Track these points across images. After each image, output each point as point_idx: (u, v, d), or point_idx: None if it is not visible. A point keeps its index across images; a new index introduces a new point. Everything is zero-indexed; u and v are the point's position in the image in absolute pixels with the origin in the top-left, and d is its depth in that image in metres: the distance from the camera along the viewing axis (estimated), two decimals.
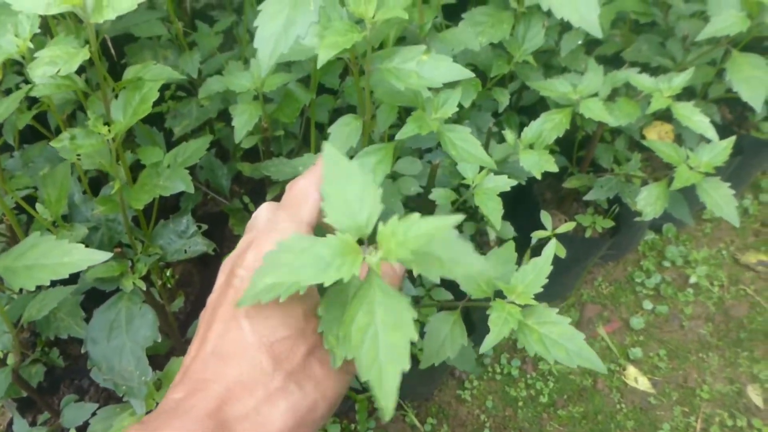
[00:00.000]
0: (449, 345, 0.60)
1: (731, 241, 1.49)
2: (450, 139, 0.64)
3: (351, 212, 0.39)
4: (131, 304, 0.70)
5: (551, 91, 0.87)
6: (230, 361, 0.39)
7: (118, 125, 0.58)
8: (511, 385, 1.21)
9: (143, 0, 0.52)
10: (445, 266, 0.38)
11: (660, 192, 0.90)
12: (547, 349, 0.53)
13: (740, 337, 1.32)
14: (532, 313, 0.56)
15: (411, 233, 0.36)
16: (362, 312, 0.36)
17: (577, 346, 0.53)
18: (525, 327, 0.55)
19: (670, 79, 0.88)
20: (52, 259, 0.49)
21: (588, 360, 0.52)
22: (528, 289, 0.57)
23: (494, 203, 0.79)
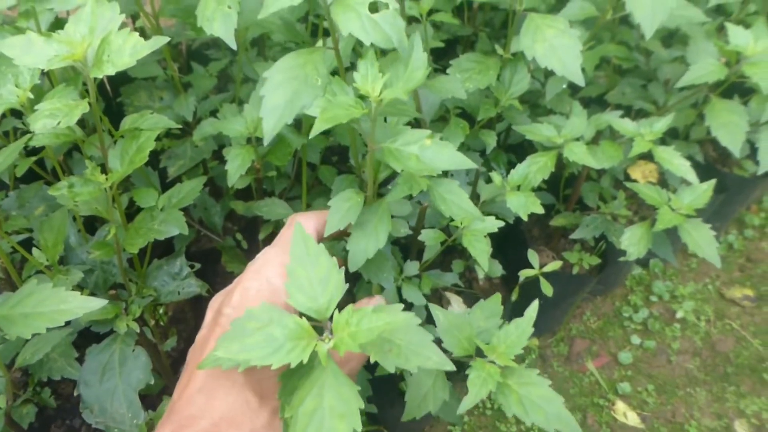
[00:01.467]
0: (431, 399, 0.61)
1: (717, 276, 1.52)
2: (440, 194, 0.66)
3: (313, 295, 0.40)
4: (124, 347, 0.71)
5: (536, 135, 0.90)
6: (217, 398, 0.40)
7: (116, 174, 0.60)
8: (501, 420, 1.22)
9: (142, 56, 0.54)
10: (401, 356, 0.40)
11: (643, 233, 0.92)
12: (526, 412, 0.53)
13: (727, 371, 1.34)
14: (513, 373, 0.56)
15: (363, 326, 0.38)
16: (311, 395, 0.37)
17: (556, 410, 0.53)
18: (505, 387, 0.55)
19: (652, 123, 0.91)
20: (48, 307, 0.50)
21: (567, 425, 0.53)
22: (509, 349, 0.57)
23: (482, 244, 0.81)
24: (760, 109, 0.99)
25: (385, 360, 0.40)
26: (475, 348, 0.59)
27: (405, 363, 0.39)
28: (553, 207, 1.19)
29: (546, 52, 0.79)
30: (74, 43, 0.51)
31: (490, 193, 0.93)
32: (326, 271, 0.41)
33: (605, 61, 1.21)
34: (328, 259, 0.41)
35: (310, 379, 0.39)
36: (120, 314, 0.71)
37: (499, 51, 0.93)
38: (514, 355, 0.57)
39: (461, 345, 0.59)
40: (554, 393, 0.54)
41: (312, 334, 0.39)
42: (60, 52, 0.51)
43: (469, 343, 0.59)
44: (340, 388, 0.38)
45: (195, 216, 1.05)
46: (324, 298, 0.40)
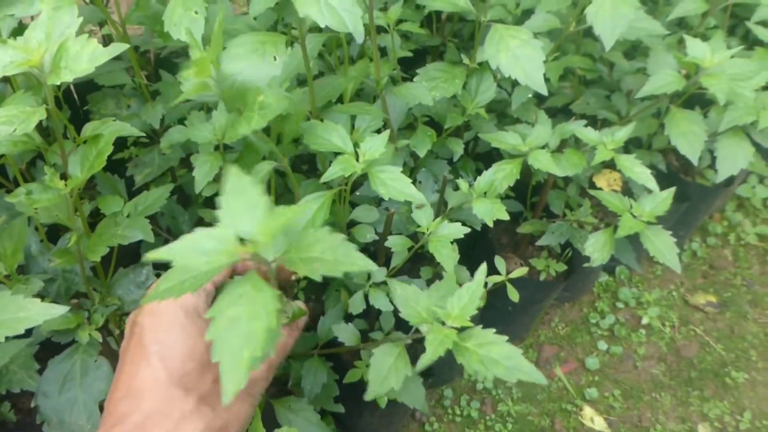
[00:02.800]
0: (393, 376, 0.61)
1: (681, 283, 1.55)
2: (380, 179, 0.68)
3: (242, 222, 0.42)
4: (87, 357, 0.70)
5: (502, 143, 0.91)
6: (145, 396, 0.43)
7: (75, 180, 0.59)
8: (471, 427, 1.23)
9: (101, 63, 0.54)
10: (329, 266, 0.42)
11: (606, 239, 0.94)
12: (486, 368, 0.55)
13: (691, 376, 1.37)
14: (471, 335, 0.58)
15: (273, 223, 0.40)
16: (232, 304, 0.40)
17: (516, 363, 0.55)
18: (463, 349, 0.57)
19: (614, 132, 0.93)
20: (7, 315, 0.49)
21: (527, 374, 0.54)
22: (463, 312, 0.59)
23: (448, 250, 0.82)
24: (718, 120, 1.02)
25: (313, 272, 0.42)
26: (432, 317, 0.61)
27: (332, 270, 0.41)
28: (521, 215, 1.21)
29: (509, 62, 0.80)
30: (30, 50, 0.51)
31: (457, 200, 0.94)
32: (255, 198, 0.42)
33: (570, 72, 1.23)
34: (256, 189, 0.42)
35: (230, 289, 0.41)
36: (82, 323, 0.70)
37: (466, 60, 0.94)
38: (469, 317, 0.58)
39: (419, 315, 0.61)
40: (513, 348, 0.56)
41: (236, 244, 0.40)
42: (15, 59, 0.50)
43: (426, 312, 0.61)
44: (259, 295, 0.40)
45: (163, 225, 1.04)
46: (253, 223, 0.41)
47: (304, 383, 0.83)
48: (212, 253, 0.40)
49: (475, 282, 0.64)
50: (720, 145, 1.00)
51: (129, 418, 0.42)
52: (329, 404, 0.86)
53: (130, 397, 0.43)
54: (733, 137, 1.00)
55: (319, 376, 0.83)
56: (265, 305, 0.40)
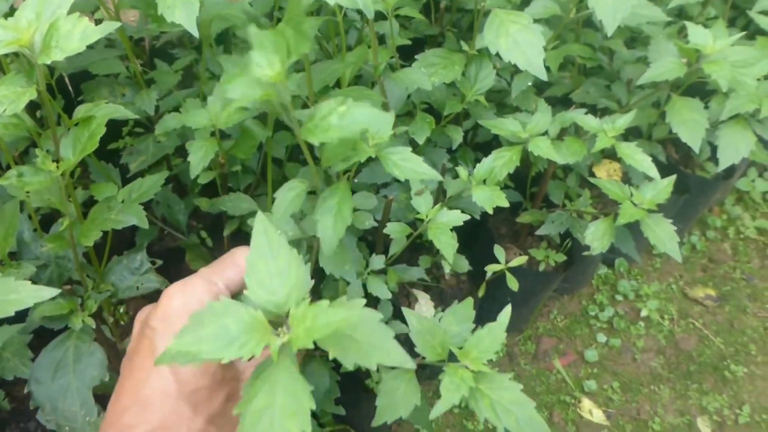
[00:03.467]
0: (402, 404, 0.60)
1: (680, 276, 1.54)
2: (393, 161, 0.66)
3: (272, 288, 0.38)
4: (80, 343, 0.69)
5: (502, 130, 0.90)
6: (152, 408, 0.40)
7: (67, 162, 0.58)
8: (468, 418, 1.22)
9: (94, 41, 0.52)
10: (361, 351, 0.38)
11: (606, 227, 0.93)
12: (497, 417, 0.53)
13: (690, 369, 1.36)
14: (485, 378, 0.56)
15: (320, 321, 0.36)
16: (263, 392, 0.36)
17: (527, 414, 0.53)
18: (477, 392, 0.55)
19: (614, 120, 0.92)
20: None
21: (538, 429, 0.53)
22: (482, 354, 0.57)
23: (447, 237, 0.81)
24: (719, 110, 1.01)
25: (344, 356, 0.38)
26: (447, 352, 0.59)
27: (364, 359, 0.37)
28: (520, 205, 1.20)
29: (509, 47, 0.79)
30: (20, 29, 0.49)
31: (456, 189, 0.93)
32: (287, 264, 0.39)
33: (570, 62, 1.22)
34: (289, 252, 0.39)
35: (262, 376, 0.37)
36: (75, 310, 0.69)
37: (465, 47, 0.93)
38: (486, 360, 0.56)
39: (434, 350, 0.59)
40: (525, 397, 0.54)
41: (267, 327, 0.37)
42: (5, 38, 0.49)
43: (441, 347, 0.59)
44: (293, 387, 0.37)
45: (158, 213, 1.03)
46: (283, 291, 0.38)
47: None
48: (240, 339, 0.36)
49: (498, 323, 0.61)
50: (721, 134, 0.99)
51: (134, 430, 0.40)
52: (330, 406, 0.86)
53: (137, 406, 0.41)
54: (735, 126, 0.99)
55: (321, 380, 0.82)
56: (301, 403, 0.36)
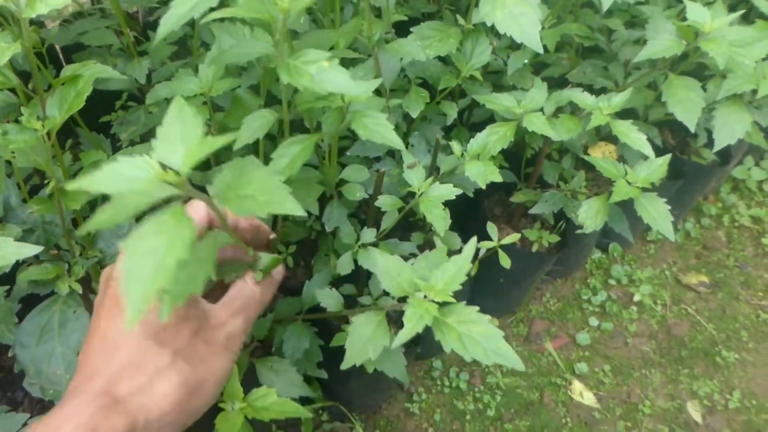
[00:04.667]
0: (371, 346, 0.59)
1: (674, 263, 1.54)
2: (363, 121, 0.66)
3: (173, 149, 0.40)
4: (66, 308, 0.68)
5: (496, 105, 0.89)
6: (119, 350, 0.42)
7: (53, 121, 0.57)
8: (459, 398, 1.22)
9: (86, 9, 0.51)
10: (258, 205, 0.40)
11: (600, 206, 0.92)
12: (465, 347, 0.53)
13: (681, 354, 1.36)
14: (453, 311, 0.55)
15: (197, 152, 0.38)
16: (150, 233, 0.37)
17: (495, 345, 0.53)
18: (443, 325, 0.55)
19: (610, 98, 0.91)
20: None
21: (505, 358, 0.52)
22: (447, 286, 0.57)
23: (438, 210, 0.81)
24: (716, 92, 1.00)
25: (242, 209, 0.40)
26: (414, 290, 0.58)
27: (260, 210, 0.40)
28: (515, 186, 1.19)
29: (505, 19, 0.78)
30: None
31: (450, 165, 0.93)
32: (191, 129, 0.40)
33: (568, 43, 1.21)
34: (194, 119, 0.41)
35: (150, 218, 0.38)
36: (62, 275, 0.68)
37: (461, 21, 0.92)
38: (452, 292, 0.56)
39: (400, 287, 0.59)
40: (494, 329, 0.53)
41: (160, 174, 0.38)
42: None
43: (408, 285, 0.59)
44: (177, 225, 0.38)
45: None
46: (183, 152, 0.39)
47: (286, 347, 0.81)
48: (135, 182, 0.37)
49: (464, 255, 0.61)
50: (718, 114, 0.98)
51: (101, 372, 0.41)
52: (312, 369, 0.85)
53: (104, 350, 0.43)
54: (732, 106, 0.99)
55: (301, 341, 0.82)
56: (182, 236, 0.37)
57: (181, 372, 0.43)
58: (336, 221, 0.85)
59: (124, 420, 0.39)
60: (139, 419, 0.40)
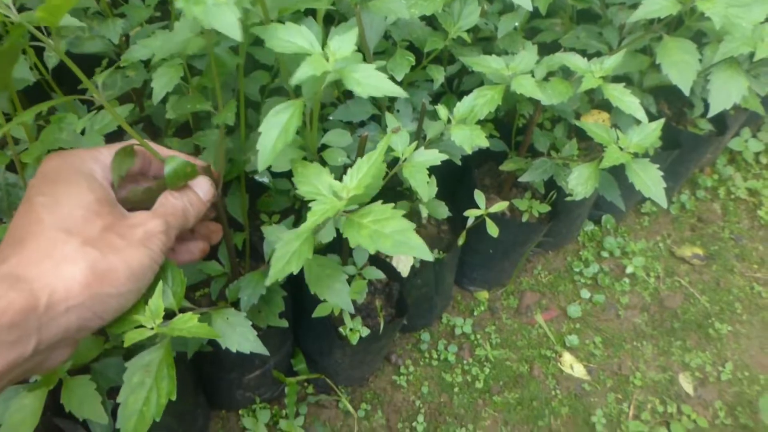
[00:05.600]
0: (295, 260, 0.57)
1: (668, 235, 1.52)
2: (354, 78, 0.63)
3: None
4: None
5: (484, 67, 0.86)
6: (28, 240, 0.43)
7: None
8: (447, 371, 1.20)
9: None
10: None
11: (591, 172, 0.90)
12: (373, 242, 0.51)
13: (674, 326, 1.34)
14: (370, 211, 0.54)
15: None
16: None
17: (405, 237, 0.51)
18: (354, 223, 0.54)
19: (603, 60, 0.88)
20: None
21: (414, 248, 0.50)
22: (361, 182, 0.55)
23: (423, 176, 0.78)
24: (712, 56, 0.97)
25: None
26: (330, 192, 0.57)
27: None
28: (505, 155, 1.16)
29: None
30: None
31: (436, 130, 0.90)
32: None
33: (561, 8, 1.18)
34: None
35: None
36: None
37: None
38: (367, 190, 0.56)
39: (318, 191, 0.59)
40: (407, 222, 0.52)
41: None
42: None
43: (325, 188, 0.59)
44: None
45: None
46: None
47: (242, 294, 0.78)
48: None
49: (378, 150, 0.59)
50: (714, 78, 0.95)
51: (9, 258, 0.42)
52: (274, 320, 0.82)
53: (14, 242, 0.43)
54: (728, 70, 0.96)
55: (257, 289, 0.79)
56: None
57: (88, 256, 0.43)
58: None
59: (24, 297, 0.39)
60: (41, 298, 0.40)
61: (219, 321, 0.71)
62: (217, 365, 0.98)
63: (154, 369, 0.58)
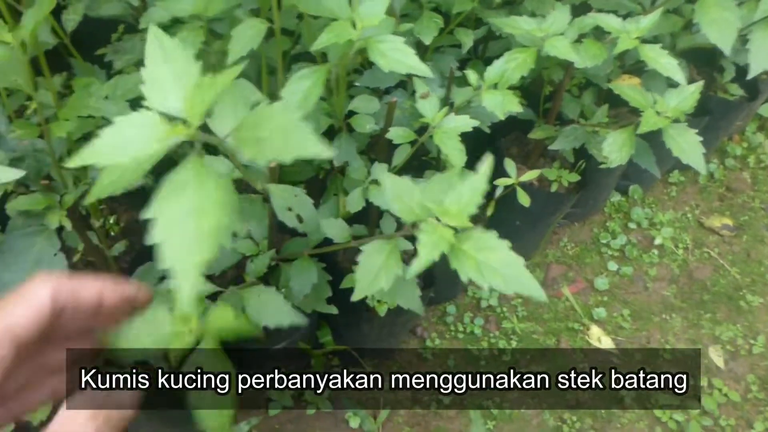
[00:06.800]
0: (384, 275, 0.56)
1: (696, 205, 1.48)
2: (379, 49, 0.60)
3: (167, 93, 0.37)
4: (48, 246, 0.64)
5: (515, 29, 0.83)
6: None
7: (23, 30, 0.52)
8: (473, 343, 1.19)
9: None
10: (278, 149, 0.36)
11: (626, 138, 0.87)
12: (482, 276, 0.49)
13: (703, 299, 1.32)
14: (469, 237, 0.51)
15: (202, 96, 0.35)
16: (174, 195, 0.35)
17: (515, 273, 0.49)
18: (460, 252, 0.51)
19: (638, 20, 0.85)
20: None
21: (526, 287, 0.48)
22: (463, 209, 0.52)
23: (455, 142, 0.76)
24: (751, 14, 0.93)
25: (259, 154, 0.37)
26: (427, 214, 0.54)
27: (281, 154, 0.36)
28: (532, 124, 1.13)
29: None
30: None
31: (464, 97, 0.87)
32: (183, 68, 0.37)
33: None
34: (184, 56, 0.38)
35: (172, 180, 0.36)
36: (53, 206, 0.64)
37: None
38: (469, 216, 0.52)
39: (411, 211, 0.54)
40: (514, 256, 0.49)
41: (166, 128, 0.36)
42: None
43: (420, 208, 0.54)
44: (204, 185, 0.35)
45: None
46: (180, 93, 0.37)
47: (293, 283, 0.77)
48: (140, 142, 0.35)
49: (479, 174, 0.57)
50: (753, 37, 0.91)
51: None
52: (321, 305, 0.81)
53: None
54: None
55: (309, 276, 0.77)
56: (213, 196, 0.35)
57: None
58: (345, 155, 0.81)
59: None
60: None
61: (251, 299, 0.69)
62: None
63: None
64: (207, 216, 0.34)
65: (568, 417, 1.10)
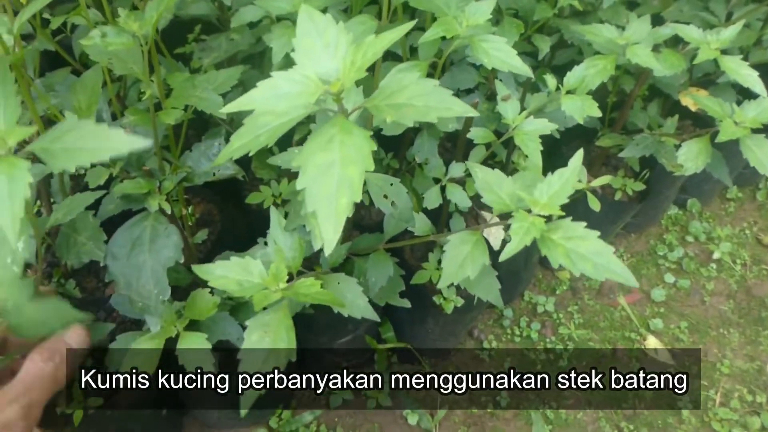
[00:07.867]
0: (470, 264, 0.57)
1: (754, 222, 1.46)
2: (483, 48, 0.62)
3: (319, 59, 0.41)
4: (157, 224, 0.67)
5: (596, 36, 0.84)
6: None
7: (149, 21, 0.55)
8: (530, 348, 1.19)
9: None
10: (419, 112, 0.39)
11: (702, 147, 0.87)
12: (572, 263, 0.50)
13: (761, 315, 1.30)
14: (559, 227, 0.53)
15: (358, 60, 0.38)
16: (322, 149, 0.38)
17: (606, 260, 0.50)
18: (549, 241, 0.52)
19: (719, 31, 0.85)
20: (90, 143, 0.46)
21: (617, 274, 0.50)
22: (553, 200, 0.54)
23: (535, 143, 0.77)
24: None
25: (402, 117, 0.40)
26: (516, 204, 0.56)
27: (423, 116, 0.39)
28: (595, 133, 1.14)
29: None
30: None
31: (538, 102, 0.88)
32: (334, 37, 0.41)
33: None
34: (336, 28, 0.41)
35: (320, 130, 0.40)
36: (153, 191, 0.67)
37: None
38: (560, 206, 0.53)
39: (501, 201, 0.56)
40: (603, 244, 0.51)
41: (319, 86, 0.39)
42: None
43: (510, 198, 0.56)
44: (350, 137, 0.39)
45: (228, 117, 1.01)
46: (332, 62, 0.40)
47: (370, 275, 0.79)
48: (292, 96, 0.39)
49: (570, 167, 0.59)
50: None
51: None
52: (395, 299, 0.82)
53: None
54: None
55: (384, 269, 0.79)
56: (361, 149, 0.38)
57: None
58: (426, 152, 0.82)
59: None
60: None
61: (331, 286, 0.71)
62: (310, 328, 0.99)
63: (273, 328, 0.59)
64: (353, 164, 0.37)
65: (624, 425, 1.10)
